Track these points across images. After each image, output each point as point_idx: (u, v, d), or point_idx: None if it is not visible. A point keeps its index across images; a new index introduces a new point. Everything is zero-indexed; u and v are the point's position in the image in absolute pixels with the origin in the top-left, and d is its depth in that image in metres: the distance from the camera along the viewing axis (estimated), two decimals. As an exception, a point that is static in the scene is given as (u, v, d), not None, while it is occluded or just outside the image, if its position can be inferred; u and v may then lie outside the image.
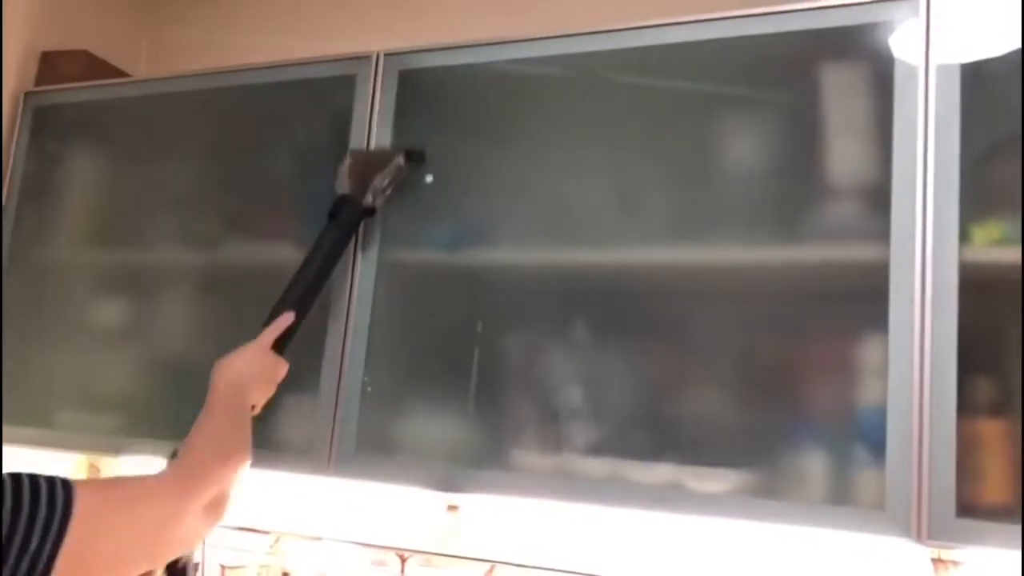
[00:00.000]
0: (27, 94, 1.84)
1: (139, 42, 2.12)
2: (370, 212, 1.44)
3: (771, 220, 1.24)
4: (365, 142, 1.47)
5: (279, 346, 1.31)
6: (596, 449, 1.27)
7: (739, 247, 1.25)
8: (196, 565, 1.48)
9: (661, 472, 1.22)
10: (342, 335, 1.42)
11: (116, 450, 1.59)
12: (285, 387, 1.47)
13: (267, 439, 1.46)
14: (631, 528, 1.50)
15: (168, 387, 1.57)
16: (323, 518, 1.70)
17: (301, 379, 1.45)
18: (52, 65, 1.89)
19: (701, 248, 1.28)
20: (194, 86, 1.68)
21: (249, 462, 1.17)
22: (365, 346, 1.41)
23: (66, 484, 0.90)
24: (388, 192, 1.45)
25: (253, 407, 1.26)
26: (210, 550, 1.77)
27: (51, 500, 0.88)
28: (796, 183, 1.24)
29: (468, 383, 1.38)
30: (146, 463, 1.78)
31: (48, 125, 1.81)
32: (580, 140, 1.36)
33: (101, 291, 1.68)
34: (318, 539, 1.69)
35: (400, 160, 1.44)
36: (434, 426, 1.37)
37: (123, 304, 1.64)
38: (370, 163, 1.45)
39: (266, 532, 1.74)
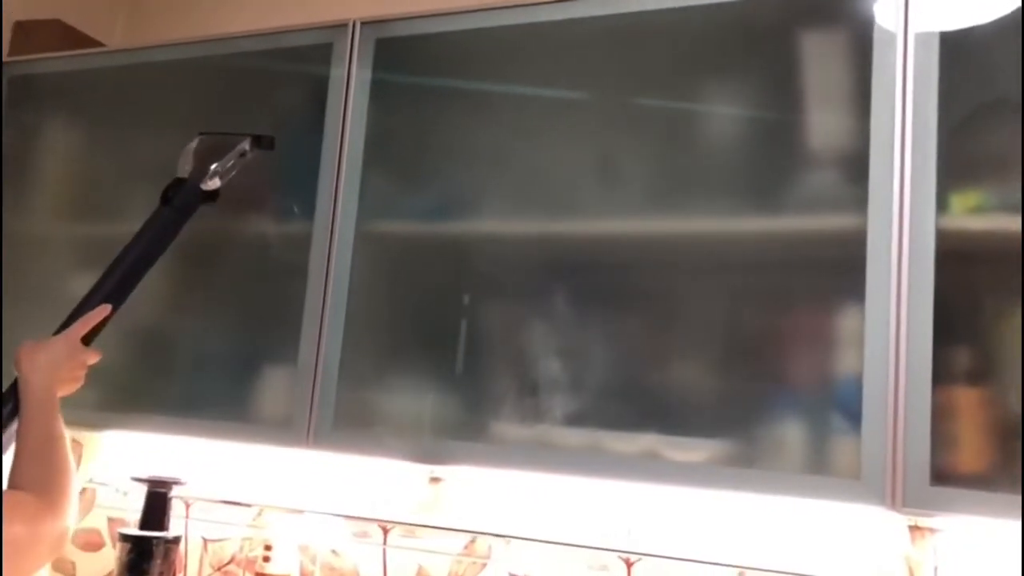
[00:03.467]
0: (1, 64, 1.80)
1: (114, 11, 2.09)
2: (211, 197, 1.38)
3: (749, 190, 1.23)
4: (342, 111, 1.45)
5: (88, 338, 1.25)
6: (576, 420, 1.27)
7: (718, 217, 1.25)
8: None
9: (640, 442, 1.22)
10: (320, 307, 1.42)
11: (97, 425, 1.58)
12: (263, 360, 1.46)
13: (246, 412, 1.46)
14: (611, 498, 1.50)
15: (148, 361, 1.56)
16: (306, 490, 1.70)
17: (279, 352, 1.44)
18: (25, 34, 1.86)
19: (680, 218, 1.28)
20: (170, 56, 1.65)
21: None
22: (343, 318, 1.40)
23: None
24: (231, 174, 1.39)
25: None
26: (193, 523, 1.77)
27: None
28: (774, 152, 1.23)
29: (448, 355, 1.38)
30: (127, 437, 1.78)
31: (22, 96, 1.78)
32: (560, 109, 1.35)
33: (79, 264, 1.66)
34: (300, 511, 1.69)
35: (245, 145, 1.38)
36: (414, 398, 1.37)
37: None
38: (215, 146, 1.39)
39: (248, 505, 1.74)
